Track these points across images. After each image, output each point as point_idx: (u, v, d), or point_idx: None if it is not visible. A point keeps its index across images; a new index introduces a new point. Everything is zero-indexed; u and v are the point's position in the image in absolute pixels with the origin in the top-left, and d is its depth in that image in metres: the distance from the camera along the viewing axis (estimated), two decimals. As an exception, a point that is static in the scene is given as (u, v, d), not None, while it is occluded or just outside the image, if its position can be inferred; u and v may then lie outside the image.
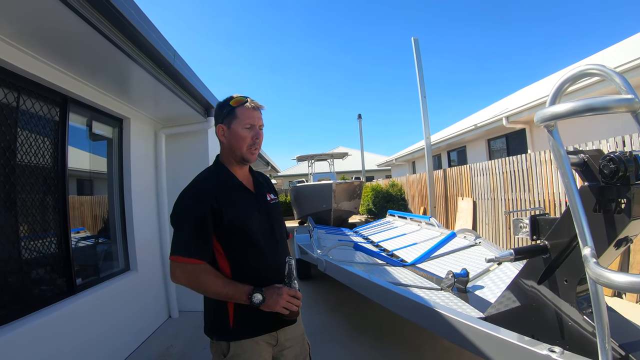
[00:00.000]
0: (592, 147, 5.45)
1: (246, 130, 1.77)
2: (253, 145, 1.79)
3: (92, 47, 3.01)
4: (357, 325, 4.85)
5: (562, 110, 1.20)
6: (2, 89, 2.94)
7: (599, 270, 1.08)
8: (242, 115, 1.77)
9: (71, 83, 3.60)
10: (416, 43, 11.40)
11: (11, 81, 3.00)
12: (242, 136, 1.76)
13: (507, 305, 2.41)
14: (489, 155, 13.09)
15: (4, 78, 2.93)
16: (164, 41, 3.45)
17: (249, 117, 1.77)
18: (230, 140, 1.79)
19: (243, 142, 1.77)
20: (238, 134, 1.77)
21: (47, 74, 3.26)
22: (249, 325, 1.68)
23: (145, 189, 5.20)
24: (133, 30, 2.90)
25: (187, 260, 1.60)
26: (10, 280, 2.95)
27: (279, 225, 1.93)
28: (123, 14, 2.66)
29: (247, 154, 1.79)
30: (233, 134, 1.78)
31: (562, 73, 9.42)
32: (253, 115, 1.78)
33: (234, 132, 1.77)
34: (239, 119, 1.76)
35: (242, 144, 1.77)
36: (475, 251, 5.08)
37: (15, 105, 3.08)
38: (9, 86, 3.01)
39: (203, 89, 4.75)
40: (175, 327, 5.10)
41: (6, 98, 2.98)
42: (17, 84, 3.07)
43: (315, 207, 12.12)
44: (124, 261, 4.70)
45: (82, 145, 4.18)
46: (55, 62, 3.29)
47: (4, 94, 2.96)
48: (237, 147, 1.78)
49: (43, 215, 3.38)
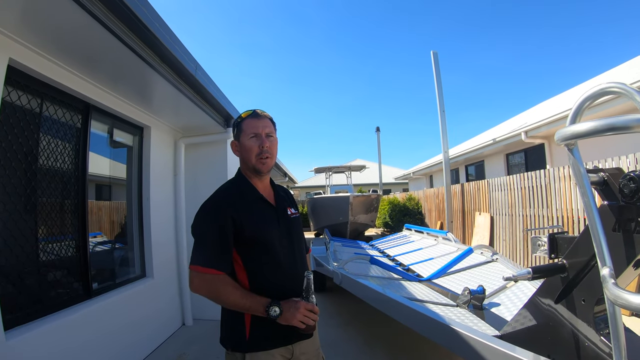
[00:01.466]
0: (611, 163, 5.38)
1: (252, 139, 1.79)
2: (261, 154, 1.79)
3: (115, 57, 3.09)
4: (369, 339, 4.82)
5: (583, 129, 1.19)
6: (27, 95, 3.02)
7: (617, 292, 1.07)
8: (246, 127, 1.80)
9: (94, 91, 3.68)
10: (435, 57, 11.37)
11: (35, 88, 3.09)
12: (249, 146, 1.79)
13: (523, 324, 2.38)
14: (507, 170, 12.98)
15: (29, 84, 3.01)
16: (187, 53, 3.51)
17: (253, 126, 1.79)
18: (242, 153, 1.83)
19: (250, 152, 1.78)
20: (244, 145, 1.80)
21: (70, 81, 3.34)
22: (265, 338, 1.67)
23: (163, 197, 5.25)
24: (157, 42, 2.97)
25: (206, 270, 1.61)
26: (28, 282, 3.01)
27: (298, 239, 1.94)
28: (148, 26, 2.72)
29: (257, 163, 1.80)
30: (242, 146, 1.82)
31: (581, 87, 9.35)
32: (257, 125, 1.80)
33: (242, 144, 1.81)
34: (244, 131, 1.81)
35: (250, 155, 1.79)
36: (492, 268, 5.02)
37: (38, 111, 3.16)
38: (33, 92, 3.09)
39: (223, 100, 4.81)
40: (188, 335, 5.12)
41: (30, 104, 3.06)
42: (40, 91, 3.15)
43: (332, 219, 12.11)
44: (140, 267, 4.75)
45: (103, 152, 4.26)
46: (79, 71, 3.38)
47: (28, 100, 3.04)
48: (247, 158, 1.81)
49: (62, 219, 3.44)
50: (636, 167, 5.03)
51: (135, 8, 2.54)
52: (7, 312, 2.64)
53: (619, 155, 5.38)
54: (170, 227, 5.46)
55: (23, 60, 2.80)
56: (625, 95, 1.20)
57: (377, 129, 23.08)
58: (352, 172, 18.85)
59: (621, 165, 5.24)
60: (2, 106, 2.63)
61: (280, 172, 15.21)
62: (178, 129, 5.63)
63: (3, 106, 2.66)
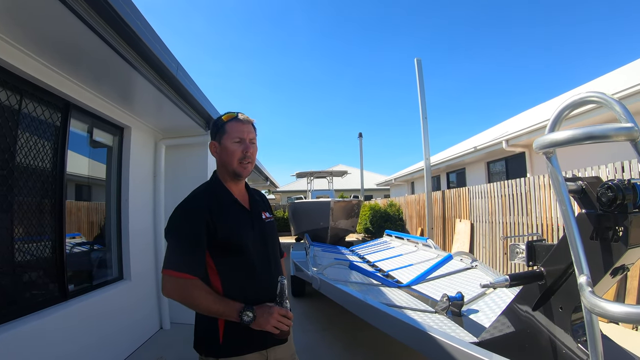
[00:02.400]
0: (591, 172, 5.46)
1: (236, 144, 1.77)
2: (244, 159, 1.79)
3: (96, 55, 3.03)
4: (349, 344, 4.80)
5: (561, 137, 1.20)
6: (5, 91, 2.96)
7: (594, 300, 1.07)
8: (231, 130, 1.78)
9: (74, 89, 3.61)
10: (419, 64, 11.46)
11: (14, 84, 3.02)
12: (232, 150, 1.77)
13: (501, 331, 2.39)
14: (488, 177, 13.11)
15: (8, 80, 2.95)
16: (168, 53, 3.47)
17: (238, 130, 1.78)
18: (222, 155, 1.81)
19: (233, 156, 1.77)
20: (228, 149, 1.78)
21: (50, 79, 3.28)
22: (238, 343, 1.65)
23: (143, 199, 5.19)
24: (138, 40, 2.92)
25: (179, 274, 1.58)
26: (3, 283, 2.94)
27: (272, 243, 1.92)
28: (128, 22, 2.68)
29: (238, 168, 1.79)
30: (223, 149, 1.79)
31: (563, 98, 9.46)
32: (242, 129, 1.79)
33: (224, 147, 1.79)
34: (228, 133, 1.78)
35: (232, 159, 1.77)
36: (471, 274, 5.05)
37: (17, 108, 3.09)
38: (12, 89, 3.02)
39: (205, 102, 4.77)
40: (166, 338, 5.05)
41: (8, 100, 2.99)
42: (20, 87, 3.08)
43: (313, 224, 12.09)
44: (118, 270, 4.68)
45: (82, 152, 4.19)
46: (59, 68, 3.32)
47: (7, 96, 2.97)
48: (228, 162, 1.79)
49: (39, 218, 3.37)
50: (615, 176, 5.10)
51: (115, 4, 2.49)
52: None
53: (598, 164, 5.45)
54: (149, 229, 5.39)
55: (2, 55, 2.74)
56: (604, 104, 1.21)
57: (360, 134, 23.17)
58: (333, 177, 18.87)
59: (601, 174, 5.31)
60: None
61: (262, 177, 15.16)
62: (159, 130, 5.57)
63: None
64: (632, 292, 4.88)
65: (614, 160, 5.28)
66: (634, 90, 6.51)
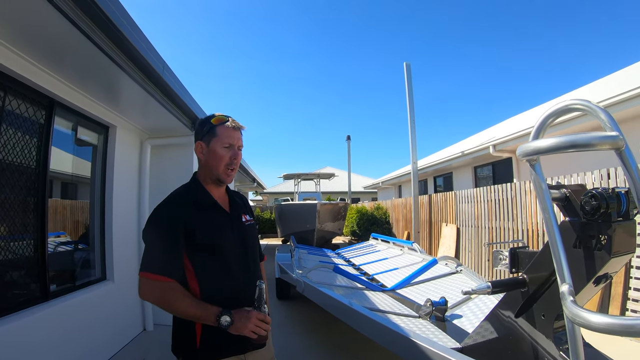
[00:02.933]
0: (577, 178, 5.50)
1: (225, 149, 1.75)
2: (230, 166, 1.77)
3: (81, 52, 3.00)
4: (332, 348, 4.78)
5: (544, 145, 1.19)
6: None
7: (576, 310, 1.07)
8: (221, 134, 1.75)
9: (59, 87, 3.57)
10: (408, 68, 11.49)
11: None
12: (220, 155, 1.74)
13: (484, 336, 2.38)
14: (475, 182, 13.18)
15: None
16: (154, 52, 3.44)
17: (229, 136, 1.76)
18: (208, 158, 1.77)
19: (220, 161, 1.75)
20: (216, 153, 1.75)
21: (34, 75, 3.23)
22: (216, 347, 1.63)
23: (127, 199, 5.14)
24: (123, 39, 2.89)
25: (156, 277, 1.56)
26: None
27: (252, 247, 1.90)
28: (114, 22, 2.66)
29: (223, 174, 1.77)
30: (211, 152, 1.76)
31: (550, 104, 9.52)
32: (233, 135, 1.77)
33: (212, 150, 1.75)
34: (218, 137, 1.75)
35: (219, 163, 1.75)
36: (456, 279, 5.06)
37: (0, 105, 3.04)
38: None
39: (191, 103, 4.74)
40: (149, 340, 5.01)
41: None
42: (3, 83, 3.03)
43: (299, 226, 12.09)
44: (101, 270, 4.62)
45: (67, 150, 4.15)
46: (44, 65, 3.28)
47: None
48: (214, 166, 1.76)
49: (21, 217, 3.32)
50: (601, 183, 5.14)
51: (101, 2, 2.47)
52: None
53: (584, 171, 5.49)
54: (133, 229, 5.33)
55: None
56: (589, 112, 1.21)
57: (348, 137, 23.15)
58: (321, 179, 18.88)
59: (586, 181, 5.36)
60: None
61: (249, 178, 15.14)
62: (144, 129, 5.52)
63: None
64: (616, 299, 4.92)
65: (600, 167, 5.32)
66: (621, 98, 6.57)
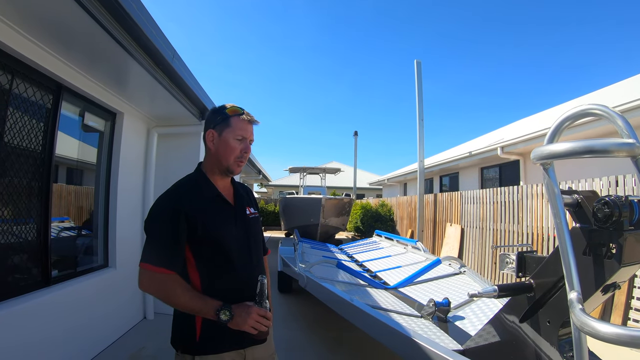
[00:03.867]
0: (585, 184, 5.46)
1: (237, 141, 1.73)
2: (240, 158, 1.76)
3: (90, 37, 2.99)
4: (332, 344, 4.78)
5: (560, 149, 1.16)
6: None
7: (584, 318, 1.04)
8: (235, 126, 1.73)
9: (67, 71, 3.56)
10: (418, 66, 11.43)
11: (5, 62, 2.96)
12: (232, 146, 1.73)
13: (486, 340, 2.36)
14: (481, 183, 13.12)
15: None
16: (165, 40, 3.43)
17: (243, 128, 1.74)
18: (219, 148, 1.75)
19: (231, 152, 1.73)
20: (228, 144, 1.73)
21: (43, 59, 3.23)
22: (215, 341, 1.62)
23: (132, 186, 5.14)
24: (134, 25, 2.89)
25: (156, 269, 1.54)
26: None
27: (255, 240, 1.88)
28: (125, 8, 2.65)
29: (233, 165, 1.76)
30: (223, 142, 1.74)
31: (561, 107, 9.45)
32: (247, 128, 1.76)
33: (224, 140, 1.73)
34: (231, 128, 1.73)
35: (229, 155, 1.73)
36: (459, 280, 5.03)
37: (7, 88, 3.03)
38: (3, 67, 2.96)
39: (200, 92, 4.72)
40: (149, 328, 5.03)
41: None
42: (11, 66, 3.03)
43: (303, 220, 12.09)
44: (104, 257, 4.64)
45: (73, 135, 4.15)
46: (52, 49, 3.27)
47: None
48: (224, 156, 1.74)
49: (24, 201, 3.32)
50: (609, 189, 5.10)
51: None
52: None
53: (592, 177, 5.44)
54: (137, 217, 5.34)
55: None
56: (606, 117, 1.18)
57: (355, 133, 23.13)
58: (326, 174, 18.89)
59: (595, 187, 5.31)
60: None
61: (255, 170, 15.13)
62: (152, 117, 5.52)
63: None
64: (619, 307, 4.88)
65: (606, 173, 5.28)
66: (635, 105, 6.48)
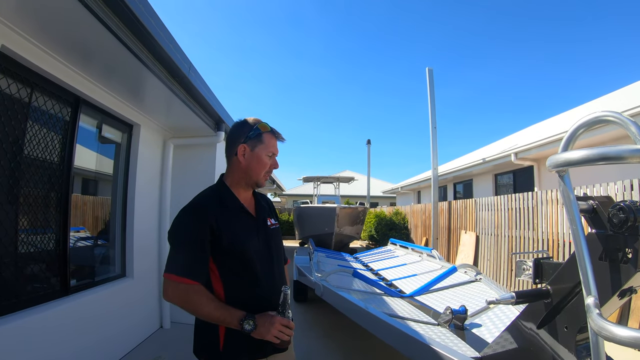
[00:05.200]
0: (599, 189, 5.42)
1: (268, 157, 1.81)
2: (268, 173, 1.84)
3: (108, 51, 3.06)
4: (349, 352, 4.78)
5: (575, 157, 1.18)
6: (17, 83, 2.98)
7: (602, 323, 1.05)
8: (268, 143, 1.80)
9: (85, 85, 3.64)
10: (430, 74, 11.40)
11: (26, 77, 3.04)
12: (264, 162, 1.80)
13: (504, 347, 2.36)
14: (495, 190, 13.03)
15: (19, 73, 2.97)
16: (181, 52, 3.49)
17: (274, 146, 1.83)
18: (251, 162, 1.79)
19: (262, 167, 1.80)
20: (260, 159, 1.79)
21: (62, 73, 3.31)
22: (239, 349, 1.64)
23: (149, 197, 5.20)
24: (151, 39, 2.95)
25: (180, 279, 1.57)
26: (5, 275, 2.93)
27: (277, 251, 1.91)
28: (142, 21, 2.70)
29: (262, 179, 1.83)
30: (255, 157, 1.79)
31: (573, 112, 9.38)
32: (276, 145, 1.85)
33: (257, 156, 1.79)
34: (264, 144, 1.79)
35: (261, 169, 1.80)
36: (475, 287, 5.01)
37: (27, 101, 3.11)
38: (23, 81, 3.04)
39: (216, 104, 4.78)
40: (165, 337, 5.06)
41: (19, 93, 3.01)
42: (31, 80, 3.10)
43: (318, 229, 12.08)
44: (121, 266, 4.69)
45: (91, 147, 4.22)
46: (71, 63, 3.35)
47: (18, 89, 2.99)
48: (255, 171, 1.80)
49: (44, 212, 3.38)
50: (624, 194, 5.06)
51: (130, 1, 2.51)
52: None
53: (607, 181, 5.41)
54: (154, 227, 5.40)
55: (16, 48, 2.76)
56: (620, 124, 1.19)
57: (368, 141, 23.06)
58: (340, 183, 18.89)
59: (609, 191, 5.27)
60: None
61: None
62: (168, 129, 5.59)
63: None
64: (636, 312, 4.82)
65: (621, 177, 5.24)
66: None
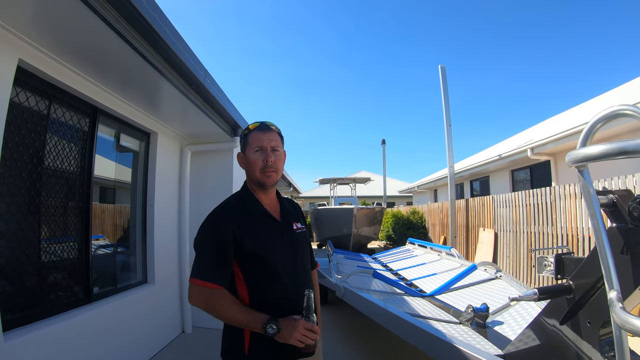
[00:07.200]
0: (617, 181, 5.36)
1: (256, 153, 1.78)
2: (264, 169, 1.77)
3: (125, 61, 3.11)
4: (370, 354, 4.78)
5: (594, 152, 1.18)
6: (35, 96, 3.04)
7: (625, 316, 1.05)
8: (251, 140, 1.80)
9: (102, 95, 3.70)
10: (443, 71, 11.37)
11: (44, 89, 3.11)
12: (253, 160, 1.78)
13: (527, 344, 2.35)
14: (512, 186, 12.94)
15: (37, 86, 3.03)
16: (196, 60, 3.53)
17: (258, 140, 1.78)
18: (247, 166, 1.82)
19: (254, 166, 1.78)
20: (249, 159, 1.79)
21: (79, 85, 3.36)
22: (264, 354, 1.65)
23: (168, 204, 5.25)
24: (167, 48, 2.98)
25: (205, 284, 1.60)
26: (29, 284, 2.99)
27: (303, 255, 1.90)
28: (157, 30, 2.73)
29: (261, 177, 1.78)
30: (248, 160, 1.81)
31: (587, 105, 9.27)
32: (262, 138, 1.79)
33: (247, 157, 1.81)
34: (249, 144, 1.80)
35: (254, 168, 1.78)
36: (495, 285, 4.98)
37: (46, 113, 3.18)
38: (41, 94, 3.11)
39: (231, 109, 4.82)
40: (187, 342, 5.10)
41: (38, 106, 3.08)
42: (49, 93, 3.17)
43: (335, 231, 12.09)
44: (142, 273, 4.74)
45: (109, 156, 4.28)
46: (88, 74, 3.40)
47: (36, 102, 3.06)
48: (251, 172, 1.80)
49: (65, 221, 3.44)
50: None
51: (145, 12, 2.54)
52: (7, 313, 2.63)
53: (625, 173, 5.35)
54: (174, 233, 5.45)
55: (32, 61, 2.82)
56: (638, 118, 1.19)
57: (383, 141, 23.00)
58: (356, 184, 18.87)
59: (628, 184, 5.21)
60: (10, 107, 2.63)
61: (285, 182, 15.22)
62: (185, 136, 5.64)
63: (11, 107, 2.66)
64: (660, 306, 4.76)
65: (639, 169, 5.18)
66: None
